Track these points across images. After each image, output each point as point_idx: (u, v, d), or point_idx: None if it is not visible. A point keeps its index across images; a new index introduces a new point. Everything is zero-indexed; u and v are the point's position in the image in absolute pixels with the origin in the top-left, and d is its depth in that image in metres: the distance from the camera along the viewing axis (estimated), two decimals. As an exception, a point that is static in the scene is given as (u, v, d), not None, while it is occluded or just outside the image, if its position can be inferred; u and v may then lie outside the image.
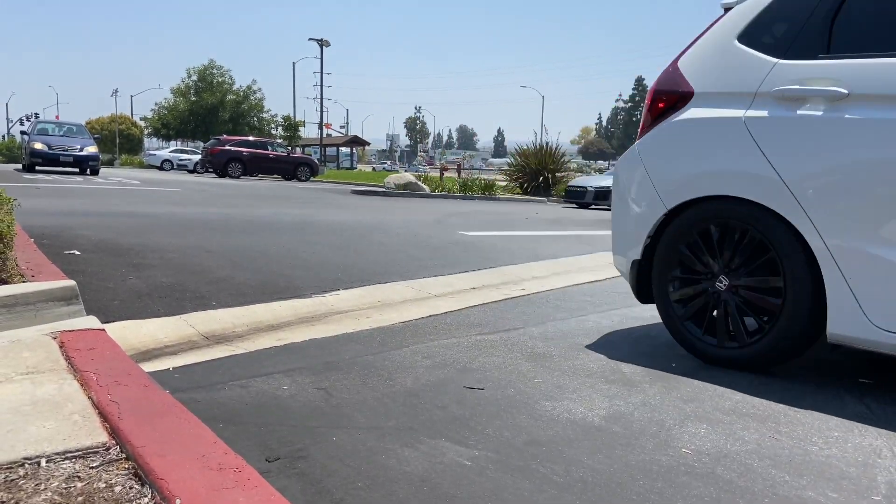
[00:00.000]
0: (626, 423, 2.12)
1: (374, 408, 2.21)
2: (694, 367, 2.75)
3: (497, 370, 2.69)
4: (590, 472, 1.74)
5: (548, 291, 4.60)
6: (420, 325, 3.54)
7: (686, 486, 1.68)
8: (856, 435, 2.04)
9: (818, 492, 1.66)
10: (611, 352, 2.99)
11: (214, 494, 1.20)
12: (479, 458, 1.81)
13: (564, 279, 5.16)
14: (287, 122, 48.00)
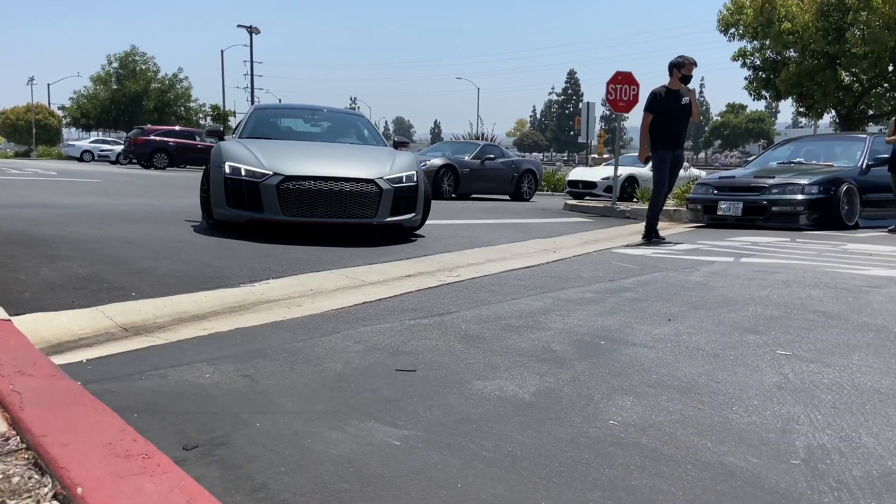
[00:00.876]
0: (556, 398, 2.13)
1: (301, 393, 2.15)
2: (621, 344, 2.79)
3: (430, 352, 2.66)
4: (519, 447, 1.73)
5: (482, 277, 4.60)
6: (353, 312, 3.48)
7: (613, 455, 1.69)
8: (774, 403, 2.11)
9: (739, 457, 1.70)
10: (543, 332, 3.01)
11: (119, 482, 1.13)
12: (408, 438, 1.78)
13: (499, 265, 5.17)
14: (216, 112, 46.52)
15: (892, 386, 2.25)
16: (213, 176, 6.02)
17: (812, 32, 18.77)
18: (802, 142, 11.84)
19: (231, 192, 5.87)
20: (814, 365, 2.50)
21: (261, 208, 5.82)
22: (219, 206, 5.97)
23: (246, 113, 7.53)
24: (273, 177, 5.82)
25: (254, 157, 6.04)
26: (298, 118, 8.18)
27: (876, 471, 1.62)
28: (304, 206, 5.91)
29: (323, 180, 5.96)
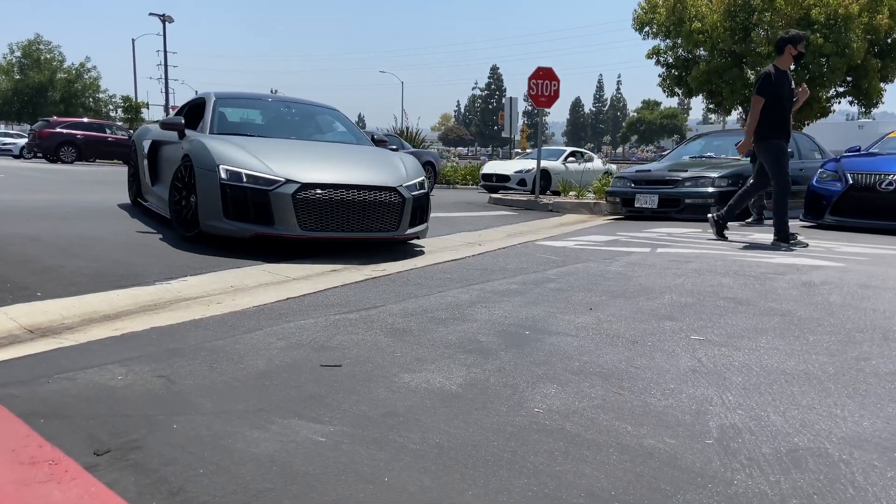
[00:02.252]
0: (482, 388, 2.15)
1: (222, 392, 2.08)
2: (545, 334, 2.84)
3: (356, 347, 2.63)
4: (446, 438, 1.74)
5: (409, 271, 4.59)
6: (276, 308, 3.40)
7: (537, 442, 1.72)
8: (689, 386, 2.19)
9: (657, 439, 1.76)
10: (469, 324, 3.02)
11: (23, 490, 1.06)
12: (334, 434, 1.75)
13: (425, 259, 5.17)
14: (128, 104, 44.43)
15: (796, 367, 2.38)
16: (201, 181, 5.01)
17: (720, 32, 19.63)
18: (712, 137, 12.37)
19: (231, 202, 4.90)
20: (725, 349, 2.61)
21: (271, 221, 4.88)
22: (211, 218, 4.98)
23: (206, 104, 6.28)
24: (286, 184, 4.87)
25: (256, 160, 5.07)
26: (271, 111, 7.04)
27: (783, 447, 1.70)
28: (324, 219, 4.97)
29: (345, 189, 5.05)
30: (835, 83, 19.88)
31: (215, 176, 4.95)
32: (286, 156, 5.37)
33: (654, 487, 1.49)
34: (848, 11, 17.83)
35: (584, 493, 1.45)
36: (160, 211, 6.21)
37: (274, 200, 4.87)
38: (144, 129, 7.69)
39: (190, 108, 7.07)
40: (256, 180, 4.92)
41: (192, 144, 5.42)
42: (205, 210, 5.03)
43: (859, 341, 2.72)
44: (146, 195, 6.99)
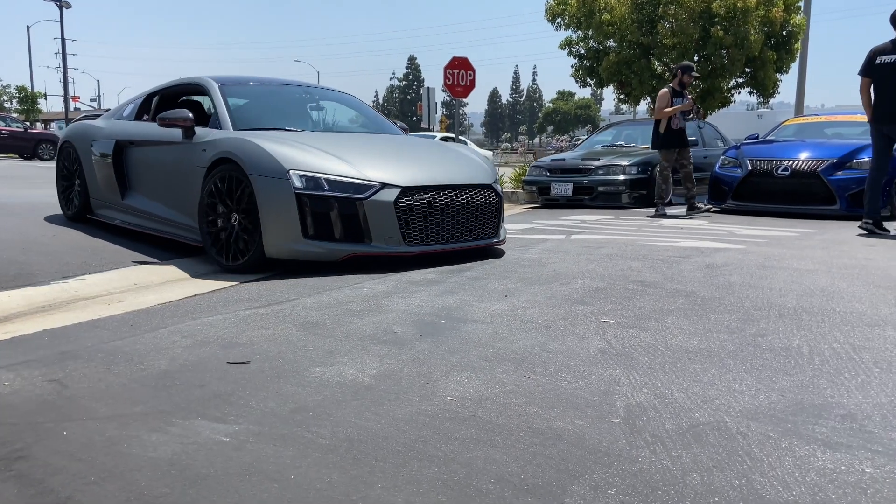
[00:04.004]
0: (396, 379, 2.12)
1: (118, 395, 1.97)
2: (461, 322, 2.84)
3: (266, 342, 2.55)
4: (357, 431, 1.70)
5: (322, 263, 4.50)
6: (182, 305, 3.26)
7: (450, 430, 1.71)
8: (599, 367, 2.24)
9: (567, 421, 1.78)
10: (384, 315, 2.99)
11: None
12: (238, 433, 1.69)
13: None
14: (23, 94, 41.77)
15: (699, 345, 2.48)
16: (264, 193, 3.90)
17: (628, 24, 20.25)
18: (623, 126, 12.76)
19: (312, 218, 3.90)
20: (633, 330, 2.69)
21: (365, 237, 3.98)
22: (283, 240, 3.93)
23: (208, 92, 5.00)
24: (383, 189, 3.99)
25: (335, 161, 4.08)
26: (289, 98, 5.69)
27: (685, 423, 1.76)
28: (429, 230, 4.17)
29: (447, 191, 4.28)
30: (735, 74, 20.88)
31: (286, 185, 3.87)
32: (361, 153, 4.36)
33: (563, 469, 1.50)
34: (746, 5, 18.73)
35: (494, 479, 1.45)
36: (141, 227, 5.11)
37: (370, 211, 3.95)
38: (86, 127, 5.96)
39: (162, 100, 5.66)
40: (343, 187, 3.95)
41: (231, 144, 4.18)
42: (274, 230, 3.92)
43: (757, 318, 2.86)
44: (103, 209, 5.62)
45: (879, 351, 2.38)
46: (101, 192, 5.60)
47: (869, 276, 3.90)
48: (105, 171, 5.48)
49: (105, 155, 5.48)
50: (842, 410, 1.83)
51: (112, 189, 5.43)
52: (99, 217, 5.72)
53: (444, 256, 4.41)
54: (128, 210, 5.32)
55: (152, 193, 5.09)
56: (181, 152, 4.68)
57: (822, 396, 1.94)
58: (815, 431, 1.69)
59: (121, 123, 5.65)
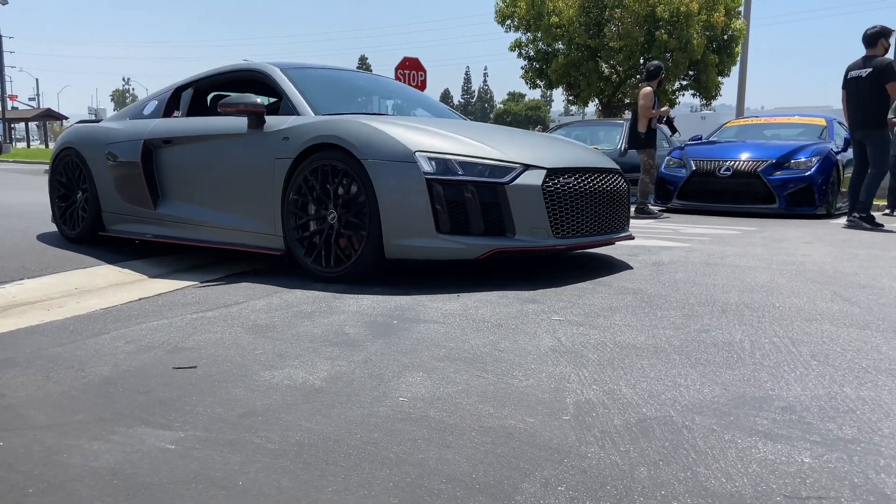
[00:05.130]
0: (348, 381, 2.11)
1: (58, 403, 1.90)
2: (414, 322, 2.84)
3: (214, 346, 2.50)
4: (307, 435, 1.68)
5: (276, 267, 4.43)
6: (126, 310, 3.17)
7: (401, 431, 1.70)
8: (549, 365, 2.26)
9: (518, 419, 1.80)
10: (336, 316, 2.96)
11: None
12: (184, 440, 1.65)
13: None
14: (-45, 92, 39.95)
15: (646, 341, 2.53)
16: (383, 180, 3.40)
17: (576, 27, 20.58)
18: (572, 127, 12.98)
19: (446, 207, 3.37)
20: (583, 328, 2.73)
21: (507, 229, 3.46)
22: (409, 235, 3.41)
23: (269, 79, 4.37)
24: (528, 172, 3.47)
25: (462, 141, 3.60)
26: (354, 84, 5.16)
27: (633, 418, 1.79)
28: (576, 220, 3.70)
29: (590, 174, 3.82)
30: (679, 77, 21.41)
31: (413, 170, 3.36)
32: (478, 135, 3.82)
33: (514, 467, 1.51)
34: (688, 9, 19.23)
35: (446, 479, 1.45)
36: (182, 240, 4.45)
37: (513, 197, 3.41)
38: (94, 129, 5.17)
39: (197, 94, 4.98)
40: (479, 170, 3.43)
41: (333, 127, 3.61)
42: (397, 226, 3.40)
43: (701, 314, 2.94)
44: (122, 224, 4.84)
45: (817, 344, 2.47)
46: (120, 203, 4.80)
47: (806, 273, 4.05)
48: (129, 177, 4.70)
49: (128, 159, 4.69)
50: (782, 402, 1.89)
51: (139, 198, 4.67)
52: (115, 233, 4.89)
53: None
54: (162, 221, 4.58)
55: (200, 198, 4.39)
56: (248, 145, 4.05)
57: (763, 389, 2.00)
58: (756, 423, 1.75)
59: (146, 122, 4.84)
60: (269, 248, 3.96)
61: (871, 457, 1.54)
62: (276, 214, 3.85)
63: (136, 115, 5.12)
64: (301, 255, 3.75)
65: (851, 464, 1.51)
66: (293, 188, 3.76)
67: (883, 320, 2.85)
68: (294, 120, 3.92)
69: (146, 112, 5.07)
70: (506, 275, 3.91)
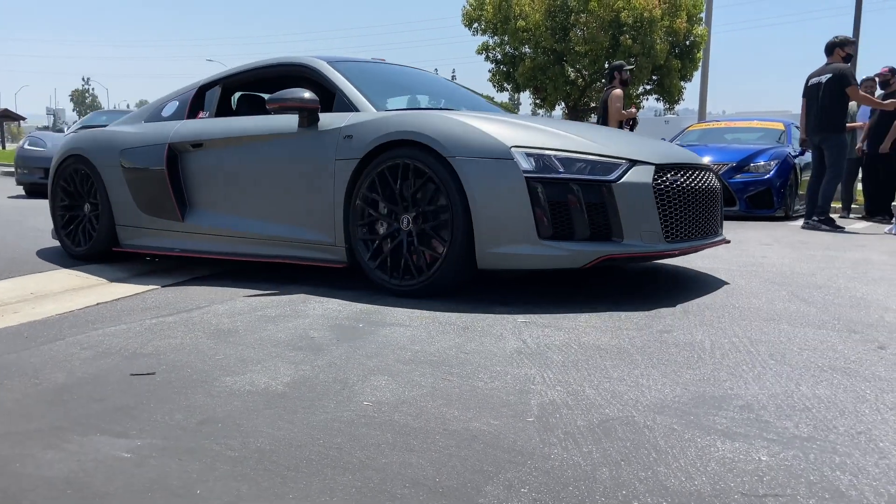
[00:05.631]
0: (311, 386, 2.08)
1: (10, 412, 1.84)
2: (380, 325, 2.82)
3: (173, 352, 2.45)
4: (269, 441, 1.66)
5: (241, 270, 4.37)
6: (83, 315, 3.09)
7: (365, 436, 1.69)
8: (514, 367, 2.27)
9: (482, 421, 1.80)
10: (301, 320, 2.93)
11: None
12: (141, 448, 1.61)
13: (255, 254, 4.96)
14: None
15: (609, 342, 2.55)
16: (476, 181, 3.04)
17: (542, 31, 20.75)
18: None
19: (548, 209, 3.03)
20: (548, 329, 2.74)
21: (615, 233, 3.10)
22: (509, 242, 3.06)
23: (318, 73, 3.98)
24: (634, 167, 3.13)
25: (558, 134, 3.25)
26: (401, 77, 4.77)
27: (596, 419, 1.81)
28: (685, 221, 3.35)
29: (692, 171, 3.49)
30: (643, 81, 21.73)
31: (510, 168, 3.02)
32: (562, 127, 3.49)
33: (478, 469, 1.51)
34: (652, 15, 19.55)
35: (409, 483, 1.44)
36: (218, 254, 4.05)
37: (621, 197, 3.06)
38: (105, 134, 4.66)
39: (225, 93, 4.59)
40: (581, 166, 3.08)
41: (408, 122, 3.27)
42: (490, 230, 3.06)
43: (663, 315, 2.97)
44: (140, 238, 4.38)
45: (774, 344, 2.52)
46: (139, 215, 4.34)
47: (765, 273, 4.14)
48: (151, 186, 4.25)
49: (150, 166, 4.24)
50: (740, 401, 1.93)
51: (163, 209, 4.23)
52: (133, 249, 4.43)
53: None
54: (192, 233, 4.16)
55: (238, 207, 3.97)
56: (300, 146, 3.68)
57: (722, 388, 2.03)
58: (715, 422, 1.77)
59: (168, 125, 4.39)
60: (326, 260, 3.62)
61: (826, 454, 1.58)
62: (335, 222, 3.51)
63: (154, 117, 4.67)
64: (371, 268, 3.41)
65: (807, 461, 1.54)
66: (360, 192, 3.41)
67: (838, 320, 2.92)
68: (355, 116, 3.57)
69: (165, 114, 4.61)
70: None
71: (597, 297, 3.39)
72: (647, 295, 3.45)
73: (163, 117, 4.62)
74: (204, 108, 4.49)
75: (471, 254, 3.14)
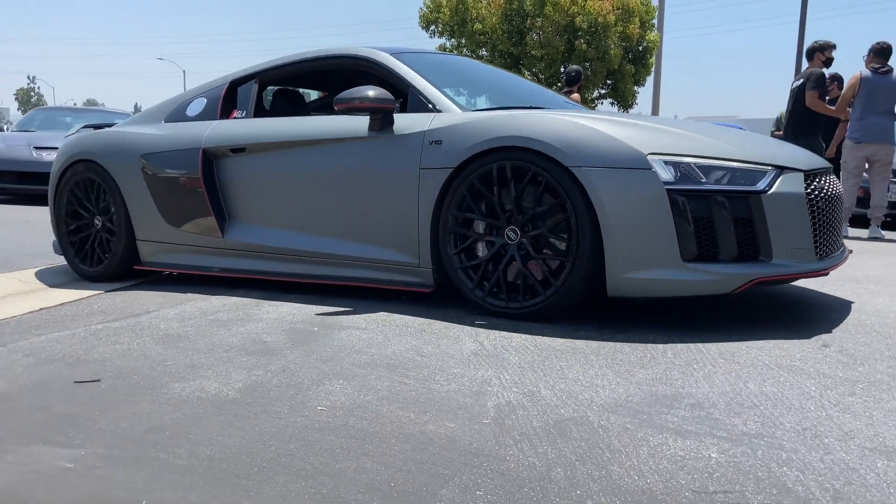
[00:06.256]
0: (264, 391, 2.04)
1: (-57, 424, 1.76)
2: (335, 329, 2.79)
3: (120, 358, 2.38)
4: (218, 448, 1.62)
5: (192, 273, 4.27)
6: (25, 321, 2.98)
7: (319, 442, 1.66)
8: (471, 369, 2.27)
9: (438, 424, 1.79)
10: (254, 324, 2.88)
11: None
12: (85, 458, 1.55)
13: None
14: None
15: (565, 343, 2.57)
16: (608, 192, 2.64)
17: (499, 34, 20.92)
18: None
19: (693, 226, 2.62)
20: (505, 331, 2.75)
21: (762, 253, 2.69)
22: (649, 265, 2.64)
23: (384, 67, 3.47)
24: (783, 175, 2.71)
25: (695, 137, 2.87)
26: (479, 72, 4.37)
27: (552, 419, 1.82)
28: (827, 236, 2.92)
29: (827, 175, 3.10)
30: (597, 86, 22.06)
31: (648, 179, 2.62)
32: (695, 130, 3.04)
33: (433, 473, 1.50)
34: (606, 20, 19.87)
35: (364, 488, 1.43)
36: (268, 274, 3.60)
37: (770, 210, 2.66)
38: (121, 136, 4.08)
39: (262, 88, 4.08)
40: (724, 175, 2.68)
41: (517, 126, 2.83)
42: (626, 251, 2.66)
43: (619, 315, 3.01)
44: (166, 255, 3.91)
45: (724, 343, 2.58)
46: (165, 229, 3.84)
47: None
48: (183, 196, 3.77)
49: (180, 174, 3.75)
50: (691, 400, 1.96)
51: (198, 223, 3.76)
52: (159, 268, 3.98)
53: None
54: (234, 250, 3.69)
55: (295, 221, 3.51)
56: (373, 152, 3.24)
57: (675, 387, 2.07)
58: (667, 421, 1.80)
59: (198, 126, 3.87)
60: (408, 283, 3.21)
61: (773, 450, 1.62)
62: (420, 240, 3.11)
63: (177, 116, 4.10)
64: (470, 288, 3.00)
65: (755, 458, 1.58)
66: (453, 204, 3.00)
67: (784, 318, 3.00)
68: (440, 119, 3.12)
69: (191, 113, 4.04)
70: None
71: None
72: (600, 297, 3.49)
73: (188, 117, 4.05)
74: (237, 107, 3.94)
75: (595, 276, 2.76)
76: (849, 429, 1.74)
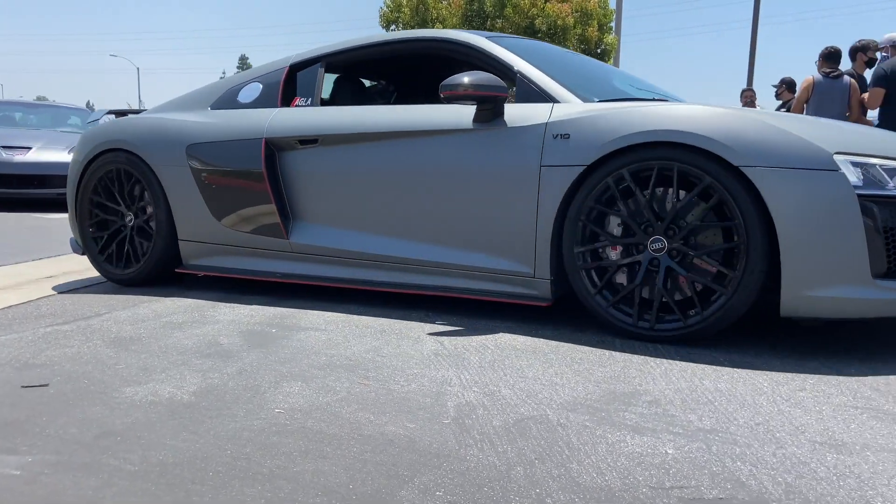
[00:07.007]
0: (219, 394, 2.00)
1: None
2: (293, 330, 2.75)
3: (69, 362, 2.30)
4: (172, 453, 1.58)
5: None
6: (-32, 324, 2.86)
7: (276, 445, 1.64)
8: (432, 369, 2.26)
9: (398, 425, 1.78)
10: (210, 326, 2.82)
11: None
12: (32, 464, 1.50)
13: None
14: None
15: (525, 342, 2.58)
16: (783, 199, 2.31)
17: (460, 35, 21.00)
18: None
19: (883, 238, 2.32)
20: (465, 330, 2.75)
21: None
22: (829, 281, 2.31)
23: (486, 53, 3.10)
24: None
25: (880, 136, 2.64)
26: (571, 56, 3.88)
27: (512, 419, 1.82)
28: None
29: None
30: (557, 87, 22.27)
31: (834, 181, 2.31)
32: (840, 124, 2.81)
33: (393, 474, 1.49)
34: (565, 23, 20.10)
35: (322, 491, 1.41)
36: (333, 282, 3.27)
37: None
38: (159, 124, 3.67)
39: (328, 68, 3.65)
40: None
41: (671, 116, 2.48)
42: (806, 264, 2.32)
43: (578, 315, 3.04)
44: (215, 258, 3.57)
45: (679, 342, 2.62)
46: (215, 228, 3.51)
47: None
48: (240, 192, 3.42)
49: (238, 168, 3.39)
50: (648, 397, 1.99)
51: (258, 223, 3.41)
52: (202, 271, 3.63)
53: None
54: (301, 254, 3.35)
55: (382, 223, 3.16)
56: (480, 146, 2.88)
57: (632, 385, 2.09)
58: (625, 418, 1.82)
59: (257, 113, 3.50)
60: (520, 295, 2.87)
61: (727, 446, 1.65)
62: (538, 248, 2.78)
63: (228, 102, 3.68)
64: (603, 307, 2.66)
65: (710, 453, 1.61)
66: (585, 206, 2.65)
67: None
68: (561, 109, 2.78)
69: (245, 99, 3.63)
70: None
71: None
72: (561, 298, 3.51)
73: (241, 104, 3.63)
74: (297, 93, 3.54)
75: (762, 292, 2.47)
76: (799, 423, 1.79)
